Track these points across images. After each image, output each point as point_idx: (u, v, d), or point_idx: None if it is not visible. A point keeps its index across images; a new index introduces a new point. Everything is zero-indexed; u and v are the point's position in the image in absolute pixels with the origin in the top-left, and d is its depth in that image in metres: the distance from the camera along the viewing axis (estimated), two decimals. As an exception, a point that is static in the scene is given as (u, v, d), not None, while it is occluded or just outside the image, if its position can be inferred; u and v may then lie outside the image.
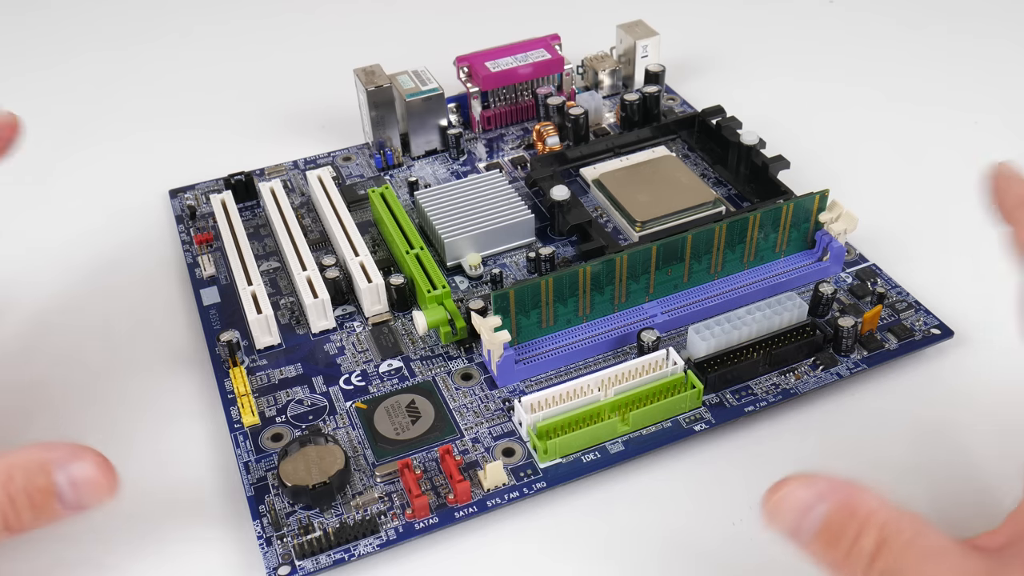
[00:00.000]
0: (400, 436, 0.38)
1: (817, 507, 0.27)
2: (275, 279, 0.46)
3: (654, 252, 0.41)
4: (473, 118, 0.55)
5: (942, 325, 0.41)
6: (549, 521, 0.36)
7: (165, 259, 0.49)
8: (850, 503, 0.27)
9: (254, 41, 0.70)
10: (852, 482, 0.28)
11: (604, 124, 0.56)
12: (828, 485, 0.28)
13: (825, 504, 0.27)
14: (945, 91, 0.59)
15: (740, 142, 0.49)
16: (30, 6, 0.76)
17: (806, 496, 0.28)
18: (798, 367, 0.40)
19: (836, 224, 0.43)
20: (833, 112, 0.58)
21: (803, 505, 0.27)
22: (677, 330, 0.42)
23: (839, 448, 0.38)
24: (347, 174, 0.53)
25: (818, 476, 0.28)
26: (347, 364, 0.42)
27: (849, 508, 0.27)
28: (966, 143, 0.55)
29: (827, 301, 0.41)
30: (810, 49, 0.65)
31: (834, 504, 0.27)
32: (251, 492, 0.36)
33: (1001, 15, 0.67)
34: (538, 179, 0.49)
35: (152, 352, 0.43)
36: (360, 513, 0.35)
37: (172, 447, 0.39)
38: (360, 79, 0.53)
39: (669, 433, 0.38)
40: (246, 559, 0.35)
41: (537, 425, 0.36)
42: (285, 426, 0.39)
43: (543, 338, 0.41)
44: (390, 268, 0.46)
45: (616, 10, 0.65)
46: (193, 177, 0.54)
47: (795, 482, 0.28)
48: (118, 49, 0.70)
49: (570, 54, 0.57)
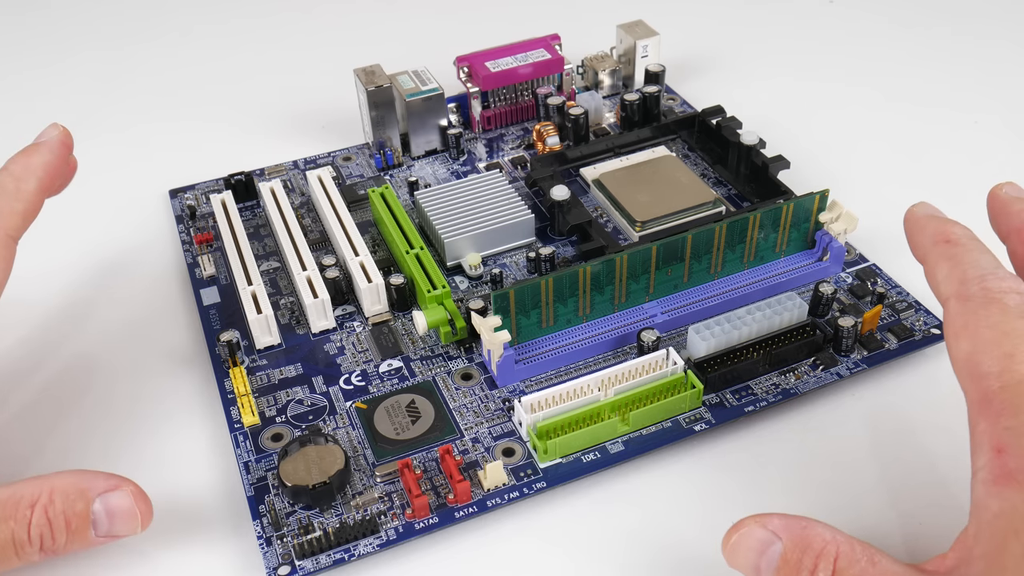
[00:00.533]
0: (400, 436, 0.38)
1: (773, 545, 0.29)
2: (275, 279, 0.46)
3: (654, 252, 0.41)
4: (473, 118, 0.55)
5: (942, 325, 0.41)
6: (549, 521, 0.36)
7: (165, 259, 0.49)
8: (804, 537, 0.29)
9: (254, 41, 0.70)
10: (804, 518, 0.29)
11: (604, 124, 0.56)
12: (781, 522, 0.29)
13: (780, 541, 0.29)
14: (945, 91, 0.60)
15: (740, 142, 0.49)
16: (30, 6, 0.76)
17: (761, 535, 0.29)
18: (798, 367, 0.40)
19: (836, 224, 0.43)
20: (833, 112, 0.58)
21: (759, 544, 0.29)
22: (677, 330, 0.42)
23: (839, 448, 0.38)
24: (347, 174, 0.53)
25: (771, 515, 0.30)
26: (347, 364, 0.42)
27: (804, 543, 0.28)
28: (966, 143, 0.55)
29: (827, 301, 0.41)
30: (810, 49, 0.65)
31: (788, 540, 0.29)
32: (251, 492, 0.36)
33: (1001, 15, 0.68)
34: (538, 179, 0.49)
35: (152, 352, 0.43)
36: (360, 513, 0.35)
37: (172, 447, 0.39)
38: (360, 79, 0.53)
39: (669, 433, 0.38)
40: (246, 559, 0.35)
41: (537, 425, 0.36)
42: (285, 426, 0.39)
43: (543, 338, 0.41)
44: (390, 268, 0.46)
45: (616, 10, 0.65)
46: (193, 177, 0.54)
47: (750, 522, 0.30)
48: (118, 48, 0.70)
49: (570, 54, 0.57)
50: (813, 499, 0.36)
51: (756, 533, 0.29)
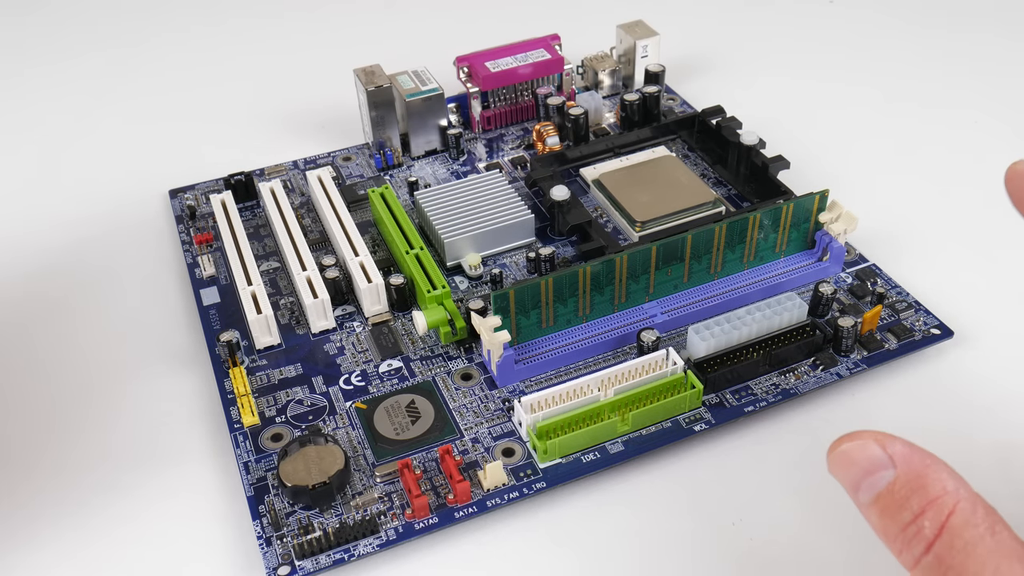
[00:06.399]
0: (400, 436, 0.38)
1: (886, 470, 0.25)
2: (275, 279, 0.46)
3: (654, 252, 0.41)
4: (473, 118, 0.55)
5: (942, 325, 0.41)
6: (549, 521, 0.36)
7: (165, 259, 0.49)
8: (921, 476, 0.25)
9: (254, 41, 0.70)
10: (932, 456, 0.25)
11: (604, 124, 0.56)
12: (905, 450, 0.25)
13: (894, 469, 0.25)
14: (945, 91, 0.59)
15: (740, 142, 0.49)
16: (30, 6, 0.76)
17: (877, 454, 0.25)
18: (798, 367, 0.40)
19: (836, 224, 0.43)
20: (833, 112, 0.58)
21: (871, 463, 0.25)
22: (677, 330, 0.42)
23: (839, 448, 0.38)
24: (347, 174, 0.53)
25: (896, 438, 0.26)
26: (347, 364, 0.42)
27: (919, 482, 0.25)
28: (966, 143, 0.55)
29: (827, 301, 0.41)
30: (810, 49, 0.65)
31: (904, 473, 0.25)
32: (251, 492, 0.36)
33: (1001, 15, 0.67)
34: (538, 179, 0.49)
35: (152, 352, 0.43)
36: (360, 513, 0.35)
37: (172, 447, 0.39)
38: (360, 79, 0.53)
39: (669, 433, 0.38)
40: (246, 559, 0.35)
41: (537, 425, 0.36)
42: (285, 426, 0.39)
43: (543, 338, 0.41)
44: (390, 268, 0.46)
45: (616, 10, 0.65)
46: (193, 177, 0.54)
47: (870, 436, 0.26)
48: (117, 48, 0.69)
49: (570, 54, 0.57)
50: (814, 499, 0.36)
51: (871, 449, 0.25)
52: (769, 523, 0.35)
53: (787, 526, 0.35)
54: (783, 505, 0.35)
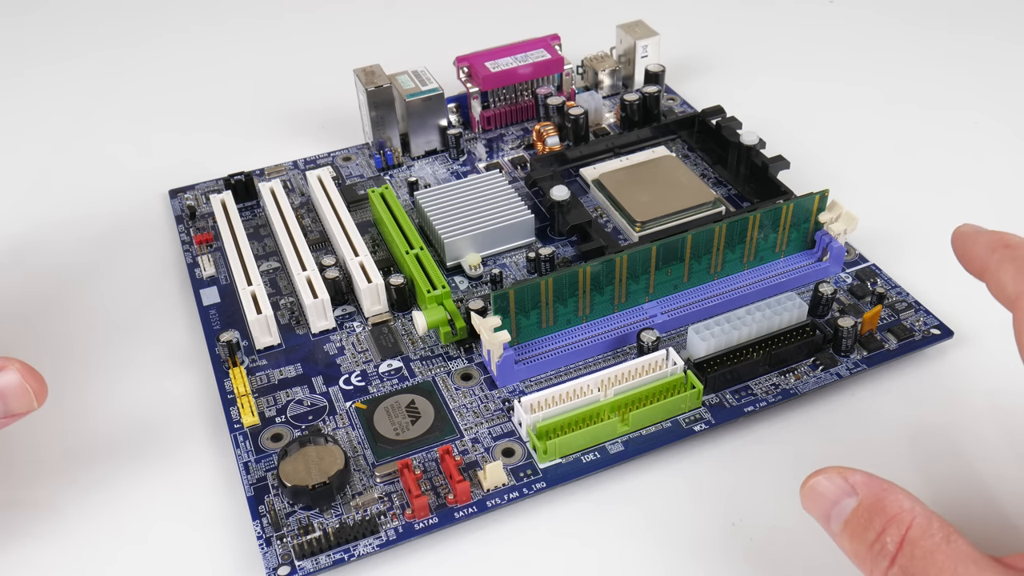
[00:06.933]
0: (400, 436, 0.38)
1: (849, 498, 0.29)
2: (275, 279, 0.46)
3: (654, 252, 0.41)
4: (473, 118, 0.55)
5: (942, 325, 0.41)
6: (549, 521, 0.36)
7: (165, 259, 0.49)
8: (880, 499, 0.28)
9: (254, 41, 0.70)
10: (888, 482, 0.29)
11: (604, 124, 0.56)
12: (863, 479, 0.29)
13: (856, 497, 0.28)
14: (945, 91, 0.59)
15: (740, 142, 0.49)
16: (30, 6, 0.76)
17: (840, 485, 0.29)
18: (798, 367, 0.40)
19: (836, 224, 0.43)
20: (833, 112, 0.58)
21: (836, 493, 0.29)
22: (677, 330, 0.42)
23: (839, 448, 0.38)
24: (347, 174, 0.53)
25: (856, 470, 0.29)
26: (347, 364, 0.42)
27: (879, 504, 0.28)
28: (966, 143, 0.55)
29: (827, 301, 0.41)
30: (810, 49, 0.65)
31: (865, 498, 0.28)
32: (251, 492, 0.36)
33: (1002, 16, 0.67)
34: (538, 179, 0.49)
35: (152, 352, 0.43)
36: (360, 513, 0.35)
37: (172, 447, 0.39)
38: (360, 79, 0.53)
39: (669, 433, 0.38)
40: (246, 559, 0.35)
41: (537, 425, 0.36)
42: (285, 426, 0.39)
43: (543, 338, 0.41)
44: (390, 268, 0.46)
45: (616, 10, 0.65)
46: (193, 177, 0.54)
47: (832, 472, 0.29)
48: (117, 48, 0.69)
49: (570, 54, 0.57)
50: (813, 499, 0.36)
51: (835, 482, 0.29)
52: (769, 523, 0.35)
53: (787, 526, 0.35)
54: (783, 505, 0.35)
